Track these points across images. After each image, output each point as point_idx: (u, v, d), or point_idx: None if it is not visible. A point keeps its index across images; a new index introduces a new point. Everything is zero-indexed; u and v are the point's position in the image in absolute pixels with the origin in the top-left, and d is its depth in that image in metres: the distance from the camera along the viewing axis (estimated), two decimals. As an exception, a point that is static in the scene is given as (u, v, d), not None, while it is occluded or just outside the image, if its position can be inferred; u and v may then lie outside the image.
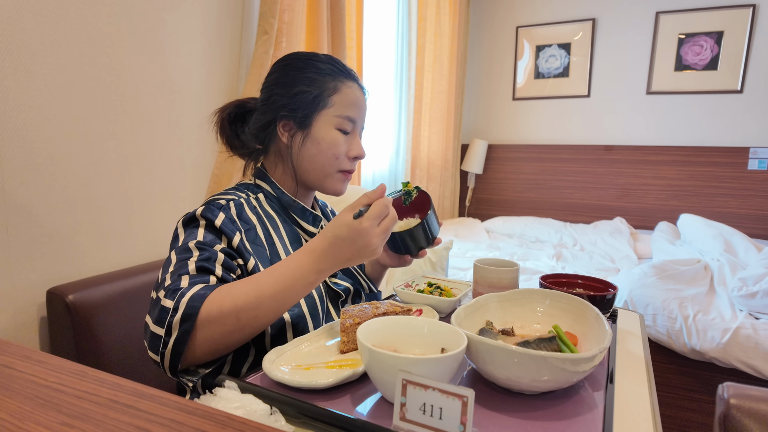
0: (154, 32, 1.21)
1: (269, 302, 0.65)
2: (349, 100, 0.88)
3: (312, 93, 0.85)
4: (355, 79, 0.90)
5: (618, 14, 3.16)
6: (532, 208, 3.53)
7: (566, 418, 0.55)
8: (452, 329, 0.61)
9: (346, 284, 0.93)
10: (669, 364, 1.85)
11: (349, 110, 0.87)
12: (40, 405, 0.40)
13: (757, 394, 0.84)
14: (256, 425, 0.38)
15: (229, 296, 0.63)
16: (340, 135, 0.87)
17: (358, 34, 2.10)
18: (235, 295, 0.64)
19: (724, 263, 2.15)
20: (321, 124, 0.86)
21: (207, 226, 0.75)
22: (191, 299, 0.61)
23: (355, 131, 0.90)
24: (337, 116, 0.86)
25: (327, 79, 0.86)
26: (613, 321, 0.91)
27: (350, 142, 0.89)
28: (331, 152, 0.86)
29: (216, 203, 0.78)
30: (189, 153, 1.35)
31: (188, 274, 0.67)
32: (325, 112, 0.86)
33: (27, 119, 0.96)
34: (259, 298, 0.64)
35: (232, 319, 0.63)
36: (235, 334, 0.64)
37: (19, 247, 0.96)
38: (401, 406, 0.46)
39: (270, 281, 0.66)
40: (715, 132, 2.99)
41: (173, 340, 0.61)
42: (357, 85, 0.90)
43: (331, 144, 0.86)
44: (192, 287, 0.64)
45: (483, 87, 3.66)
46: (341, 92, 0.87)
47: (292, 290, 0.67)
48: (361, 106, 0.90)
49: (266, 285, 0.65)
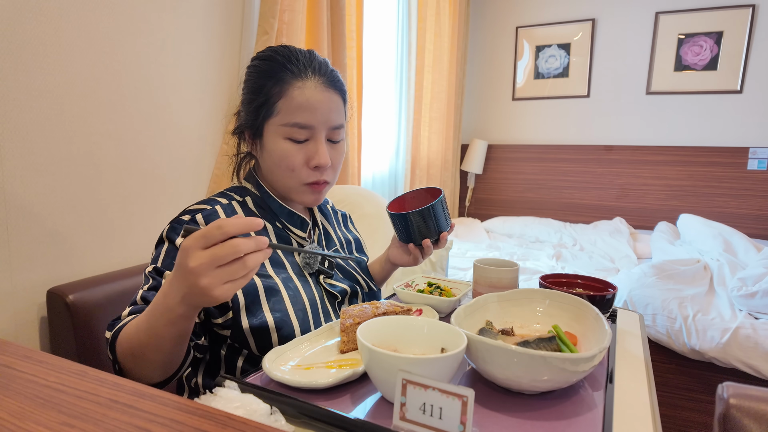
0: (154, 32, 1.21)
1: (146, 339, 0.60)
2: (297, 103, 0.77)
3: (258, 101, 0.79)
4: (313, 73, 0.79)
5: (618, 14, 3.17)
6: (532, 208, 3.53)
7: (566, 418, 0.55)
8: (452, 329, 0.61)
9: (343, 285, 0.91)
10: (669, 364, 1.85)
11: (296, 116, 0.77)
12: (41, 405, 0.40)
13: (756, 394, 0.84)
14: (256, 425, 0.38)
15: (124, 335, 0.64)
16: (291, 145, 0.79)
17: (358, 34, 2.10)
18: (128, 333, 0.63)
19: (723, 263, 2.15)
20: (269, 135, 0.80)
21: (169, 247, 0.73)
22: (114, 332, 0.66)
23: (316, 136, 0.80)
24: (283, 125, 0.78)
25: (270, 82, 0.78)
26: (613, 321, 0.91)
27: (308, 149, 0.80)
28: (284, 165, 0.79)
29: (181, 220, 0.75)
30: (189, 153, 1.35)
31: (134, 304, 0.70)
32: (272, 122, 0.79)
33: (27, 119, 0.96)
34: (137, 337, 0.61)
35: (131, 357, 0.63)
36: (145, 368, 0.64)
37: (19, 247, 0.96)
38: (401, 406, 0.46)
39: (142, 320, 0.61)
40: (715, 132, 2.99)
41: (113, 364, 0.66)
42: (314, 81, 0.79)
43: (282, 156, 0.79)
44: (123, 321, 0.67)
45: (483, 87, 3.66)
46: (287, 96, 0.77)
47: (156, 329, 0.59)
48: (317, 106, 0.78)
49: (140, 322, 0.61)
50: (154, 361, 0.63)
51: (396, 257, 0.99)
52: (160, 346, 0.61)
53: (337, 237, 1.00)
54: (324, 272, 0.89)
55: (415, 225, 0.88)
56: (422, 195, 0.96)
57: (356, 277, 0.97)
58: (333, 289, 0.89)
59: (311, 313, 0.81)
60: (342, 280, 0.93)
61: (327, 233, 0.97)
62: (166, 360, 0.63)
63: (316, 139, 0.80)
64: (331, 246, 0.97)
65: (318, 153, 0.79)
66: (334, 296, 0.88)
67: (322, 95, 0.79)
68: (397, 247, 0.99)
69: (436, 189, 0.93)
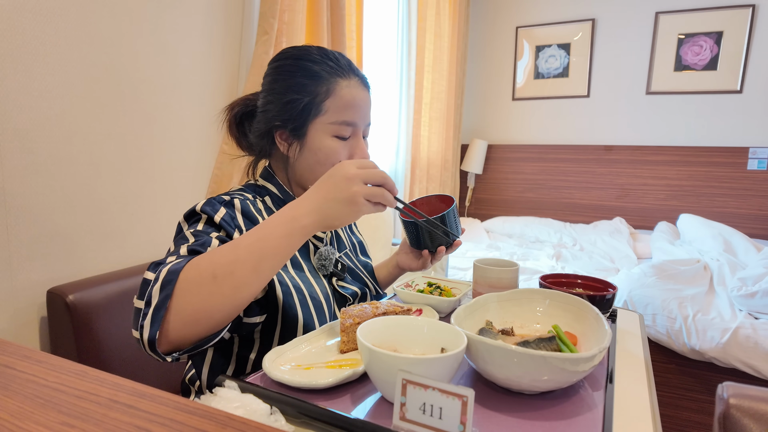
0: (154, 32, 1.21)
1: (244, 255, 0.60)
2: (345, 102, 0.80)
3: (302, 101, 0.79)
4: (353, 73, 0.83)
5: (618, 14, 3.17)
6: (532, 208, 3.53)
7: (566, 418, 0.55)
8: (452, 329, 0.61)
9: (354, 288, 0.92)
10: (669, 364, 1.85)
11: (345, 114, 0.80)
12: (40, 405, 0.40)
13: (756, 393, 0.84)
14: (256, 425, 0.38)
15: (207, 256, 0.60)
16: (338, 143, 0.81)
17: (358, 34, 2.10)
18: (212, 254, 0.60)
19: (723, 263, 2.15)
20: (315, 133, 0.81)
21: (207, 220, 0.72)
22: (171, 267, 0.59)
23: (356, 133, 0.83)
24: (332, 123, 0.80)
25: (318, 82, 0.80)
26: (613, 321, 0.91)
27: (351, 146, 0.83)
28: (329, 162, 0.80)
29: (219, 198, 0.75)
30: (189, 153, 1.35)
31: (177, 254, 0.64)
32: (319, 120, 0.80)
33: (27, 119, 0.96)
34: (234, 252, 0.60)
35: (208, 278, 0.58)
36: (215, 296, 0.58)
37: (19, 247, 0.96)
38: (401, 406, 0.46)
39: (246, 236, 0.62)
40: (715, 132, 2.99)
41: (153, 308, 0.57)
42: (356, 81, 0.82)
43: (329, 154, 0.81)
44: (176, 260, 0.61)
45: (483, 87, 3.66)
46: (335, 95, 0.80)
47: (267, 241, 0.61)
48: (361, 105, 0.82)
49: (242, 238, 0.62)
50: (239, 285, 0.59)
51: (406, 262, 1.01)
52: (259, 263, 0.60)
53: (347, 239, 1.02)
54: (336, 274, 0.90)
55: (428, 232, 0.90)
56: (432, 202, 1.00)
57: (365, 280, 0.97)
58: (344, 291, 0.89)
59: (327, 314, 0.82)
60: (352, 283, 0.94)
61: (338, 235, 0.98)
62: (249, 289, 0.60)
63: (357, 136, 0.84)
64: (342, 248, 0.97)
65: (360, 148, 0.84)
66: (344, 298, 0.89)
67: (362, 94, 0.83)
68: (407, 252, 1.01)
69: (447, 197, 0.97)
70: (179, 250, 0.65)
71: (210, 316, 0.59)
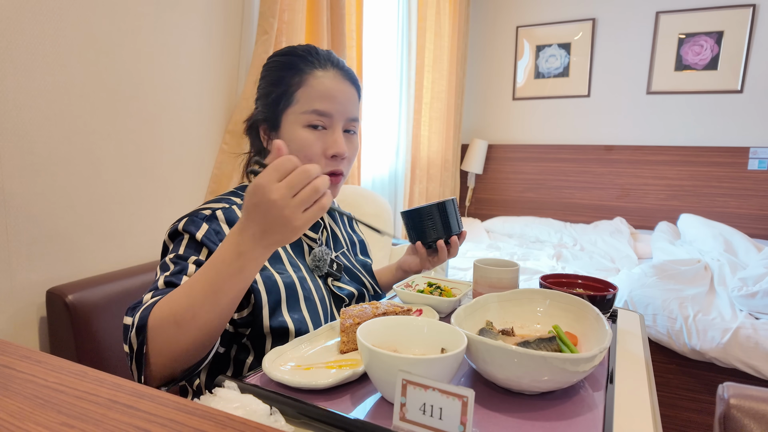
0: (154, 32, 1.21)
1: (201, 297, 0.58)
2: (317, 92, 0.79)
3: (276, 92, 0.80)
4: (331, 64, 0.82)
5: (618, 14, 3.16)
6: (532, 208, 3.53)
7: (566, 418, 0.55)
8: (452, 329, 0.61)
9: (351, 288, 0.92)
10: (669, 364, 1.85)
11: (316, 103, 0.79)
12: (40, 405, 0.40)
13: (757, 394, 0.84)
14: (255, 425, 0.38)
15: (167, 303, 0.59)
16: (311, 133, 0.79)
17: (358, 34, 2.10)
18: (170, 300, 0.59)
19: (724, 263, 2.15)
20: (288, 124, 0.80)
21: (189, 240, 0.71)
22: (142, 313, 0.59)
23: (333, 126, 0.81)
24: (303, 113, 0.79)
25: (290, 74, 0.80)
26: (613, 321, 0.91)
27: (326, 139, 0.81)
28: (302, 154, 0.79)
29: (201, 214, 0.74)
30: (189, 153, 1.35)
31: (155, 289, 0.65)
32: (291, 110, 0.80)
33: (27, 119, 0.95)
34: (190, 296, 0.59)
35: (172, 324, 0.58)
36: (183, 338, 0.59)
37: (19, 247, 0.96)
38: (401, 406, 0.46)
39: (198, 277, 0.59)
40: (715, 132, 2.99)
41: (134, 354, 0.59)
42: (333, 72, 0.81)
43: (301, 145, 0.79)
44: (147, 303, 0.61)
45: (483, 87, 3.66)
46: (307, 85, 0.79)
47: (220, 280, 0.58)
48: (337, 96, 0.80)
49: (195, 280, 0.59)
50: (204, 325, 0.59)
51: (409, 264, 1.01)
52: (219, 301, 0.58)
53: (343, 238, 1.01)
54: (332, 274, 0.89)
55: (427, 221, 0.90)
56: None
57: (362, 280, 0.97)
58: (340, 291, 0.89)
59: (322, 315, 0.82)
60: (349, 283, 0.93)
61: (334, 234, 0.98)
62: (216, 324, 0.60)
63: (334, 129, 0.81)
64: (338, 247, 0.97)
65: (336, 142, 0.80)
66: (340, 299, 0.88)
67: (340, 85, 0.81)
68: (411, 254, 1.02)
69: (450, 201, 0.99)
70: (158, 282, 0.66)
71: (186, 353, 0.60)
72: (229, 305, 0.61)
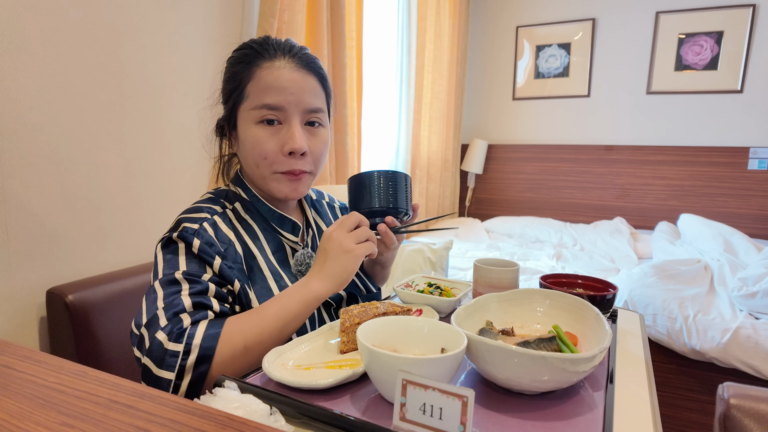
0: (154, 32, 1.21)
1: (271, 323, 0.68)
2: (264, 84, 0.73)
3: (229, 89, 0.77)
4: (280, 53, 0.76)
5: (618, 14, 3.16)
6: (532, 208, 3.53)
7: (566, 418, 0.55)
8: (452, 329, 0.61)
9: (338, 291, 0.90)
10: (669, 364, 1.85)
11: (264, 97, 0.73)
12: (40, 405, 0.40)
13: (757, 394, 0.84)
14: (255, 425, 0.38)
15: (237, 328, 0.65)
16: (264, 130, 0.74)
17: (358, 34, 2.10)
18: (241, 325, 0.66)
19: (724, 263, 2.15)
20: (242, 122, 0.76)
21: (187, 250, 0.71)
22: (204, 340, 0.62)
23: (289, 119, 0.75)
24: (253, 108, 0.74)
25: (240, 68, 0.76)
26: (613, 321, 0.91)
27: (281, 136, 0.75)
28: (256, 152, 0.75)
29: (189, 228, 0.72)
30: (189, 153, 1.35)
31: (186, 311, 0.64)
32: (243, 107, 0.76)
33: (27, 119, 0.95)
34: (261, 322, 0.67)
35: (241, 350, 0.64)
36: (247, 363, 0.66)
37: (19, 247, 0.96)
38: (401, 406, 0.46)
39: (269, 305, 0.69)
40: (715, 132, 2.99)
41: (188, 382, 0.61)
42: (282, 61, 0.75)
43: (254, 144, 0.75)
44: (197, 327, 0.63)
45: (483, 87, 3.66)
46: (255, 78, 0.74)
47: (287, 309, 0.69)
48: (287, 86, 0.74)
49: (265, 307, 0.69)
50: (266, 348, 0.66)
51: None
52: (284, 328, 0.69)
53: None
54: None
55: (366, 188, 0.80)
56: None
57: (353, 281, 0.94)
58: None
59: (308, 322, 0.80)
60: None
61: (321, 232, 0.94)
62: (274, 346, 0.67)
63: (290, 123, 0.75)
64: None
65: (292, 137, 0.74)
66: (327, 303, 0.87)
67: (292, 75, 0.75)
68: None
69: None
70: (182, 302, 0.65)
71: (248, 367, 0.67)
72: (288, 334, 0.71)
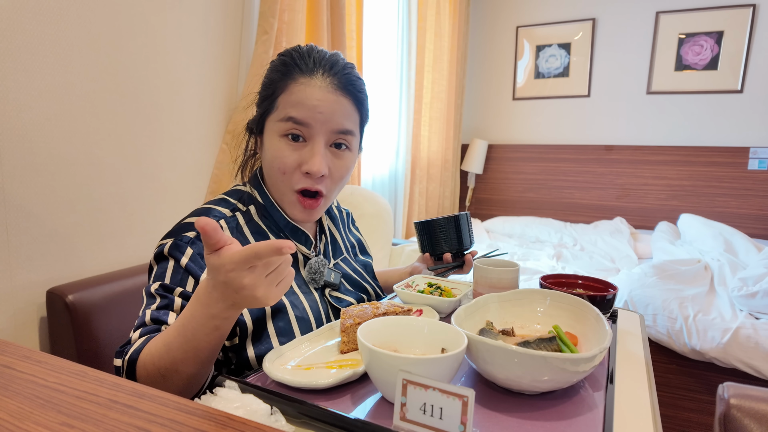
0: (154, 32, 1.21)
1: (181, 355, 0.57)
2: (295, 98, 0.72)
3: (264, 95, 0.77)
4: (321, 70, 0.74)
5: (618, 14, 3.16)
6: (532, 208, 3.53)
7: (566, 418, 0.55)
8: (452, 329, 0.61)
9: (350, 299, 0.88)
10: (669, 364, 1.85)
11: (291, 110, 0.72)
12: (40, 405, 0.40)
13: (757, 394, 0.84)
14: (256, 425, 0.38)
15: (149, 358, 0.59)
16: (286, 144, 0.73)
17: (358, 34, 2.10)
18: (152, 355, 0.59)
19: (724, 263, 2.15)
20: (268, 131, 0.76)
21: (175, 265, 0.69)
22: (130, 356, 0.60)
23: (314, 138, 0.73)
24: (279, 120, 0.73)
25: (278, 76, 0.74)
26: (613, 321, 0.91)
27: (303, 152, 0.73)
28: (276, 165, 0.74)
29: (185, 237, 0.70)
30: (189, 153, 1.35)
31: (143, 326, 0.65)
32: (272, 117, 0.75)
33: (27, 119, 0.96)
34: (169, 354, 0.57)
35: (158, 377, 0.58)
36: (172, 386, 0.59)
37: (19, 247, 0.96)
38: (401, 406, 0.46)
39: (176, 333, 0.57)
40: (715, 132, 2.99)
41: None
42: (320, 79, 0.73)
43: (275, 156, 0.73)
44: (135, 344, 0.62)
45: (483, 87, 3.66)
46: (288, 90, 0.73)
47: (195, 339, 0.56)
48: (317, 105, 0.72)
49: (172, 339, 0.58)
50: (189, 376, 0.59)
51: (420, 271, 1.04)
52: (198, 356, 0.57)
53: (343, 242, 0.97)
54: (330, 285, 0.85)
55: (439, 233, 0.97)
56: None
57: (364, 286, 0.94)
58: (339, 303, 0.85)
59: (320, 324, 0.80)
60: (348, 293, 0.89)
61: (334, 240, 0.94)
62: (201, 372, 0.60)
63: (314, 142, 0.74)
64: (338, 254, 0.94)
65: (312, 158, 0.73)
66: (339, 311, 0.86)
67: (325, 95, 0.73)
68: (421, 262, 1.05)
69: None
70: (144, 317, 0.65)
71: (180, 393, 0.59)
72: (209, 357, 0.59)
